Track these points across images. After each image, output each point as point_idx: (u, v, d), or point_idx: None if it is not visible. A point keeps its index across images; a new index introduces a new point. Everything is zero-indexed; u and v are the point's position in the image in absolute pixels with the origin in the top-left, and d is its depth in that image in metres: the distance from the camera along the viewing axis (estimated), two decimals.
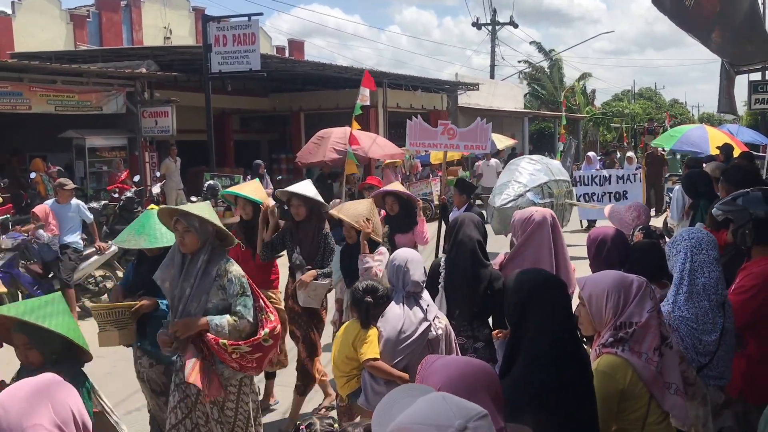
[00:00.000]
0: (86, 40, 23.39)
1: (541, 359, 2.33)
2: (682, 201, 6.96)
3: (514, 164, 11.60)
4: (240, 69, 14.64)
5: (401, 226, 6.24)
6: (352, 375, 3.78)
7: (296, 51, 31.80)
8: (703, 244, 3.16)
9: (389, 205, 6.31)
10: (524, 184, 10.48)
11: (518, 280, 2.55)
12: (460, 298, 4.15)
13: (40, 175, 12.71)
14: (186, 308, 3.80)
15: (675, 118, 37.68)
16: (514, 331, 2.48)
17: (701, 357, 3.10)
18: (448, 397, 1.44)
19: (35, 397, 1.65)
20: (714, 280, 3.13)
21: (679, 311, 3.12)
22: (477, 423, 1.34)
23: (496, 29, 36.33)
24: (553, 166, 11.76)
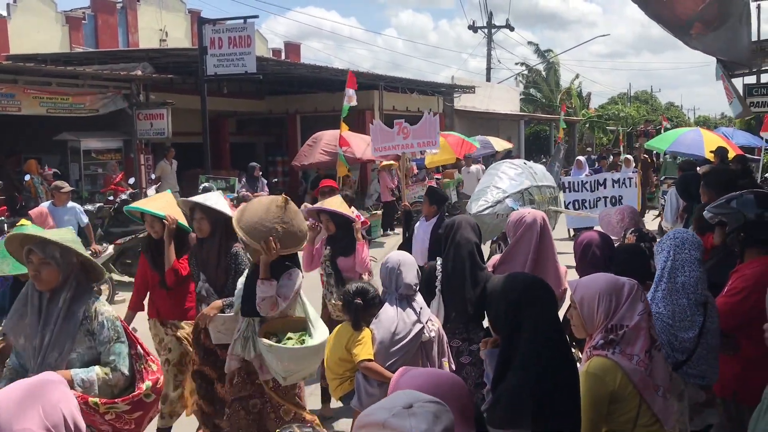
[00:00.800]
0: (82, 42, 23.35)
1: (538, 363, 2.33)
2: (676, 204, 6.99)
3: (494, 168, 10.92)
4: (236, 71, 14.65)
5: (342, 249, 5.37)
6: (345, 377, 3.79)
7: (292, 53, 31.80)
8: (686, 243, 3.21)
9: (324, 224, 5.48)
10: (503, 189, 9.80)
11: (506, 285, 2.55)
12: (457, 301, 4.17)
13: (33, 177, 12.68)
14: (45, 360, 3.05)
15: (671, 121, 37.75)
16: (506, 337, 2.47)
17: (678, 353, 3.13)
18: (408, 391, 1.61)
19: (27, 399, 1.65)
20: (694, 279, 3.16)
21: (656, 307, 3.15)
22: (425, 404, 1.47)
23: (492, 32, 36.42)
24: (537, 171, 11.04)
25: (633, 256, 3.70)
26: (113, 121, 14.70)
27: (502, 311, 2.47)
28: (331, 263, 5.34)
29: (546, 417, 2.27)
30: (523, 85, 41.16)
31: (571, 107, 37.39)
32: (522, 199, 9.79)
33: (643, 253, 3.78)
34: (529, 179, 10.31)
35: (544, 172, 11.22)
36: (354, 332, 3.72)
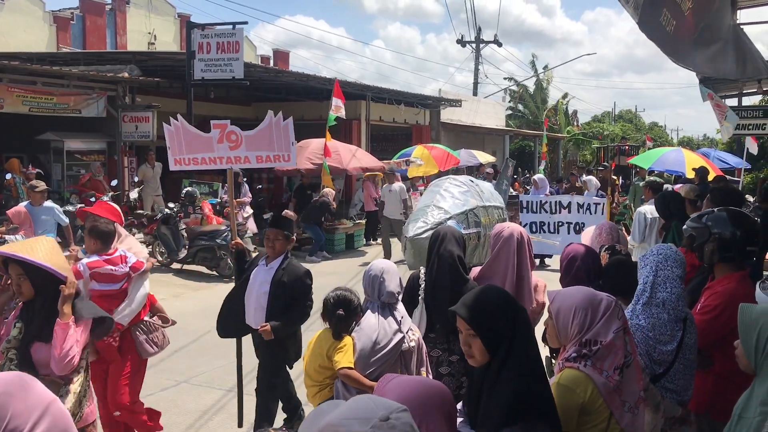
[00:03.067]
0: (69, 43, 23.23)
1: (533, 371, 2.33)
2: (644, 223, 7.05)
3: (436, 186, 9.75)
4: (223, 77, 14.63)
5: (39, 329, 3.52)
6: (324, 384, 3.77)
7: (281, 61, 31.84)
8: (669, 260, 3.23)
9: (15, 282, 3.41)
10: (446, 210, 8.77)
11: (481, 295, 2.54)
12: (440, 312, 4.16)
13: (14, 176, 12.56)
14: None
15: (654, 141, 38.16)
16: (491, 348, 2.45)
17: (656, 366, 3.16)
18: (373, 397, 1.53)
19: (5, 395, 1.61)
20: (675, 296, 3.20)
21: (636, 320, 3.19)
22: (400, 414, 1.41)
23: (481, 47, 36.64)
24: (484, 190, 9.80)
25: (623, 271, 3.71)
26: (98, 122, 14.62)
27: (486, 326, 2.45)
28: (19, 353, 3.32)
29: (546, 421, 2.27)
30: (510, 100, 41.41)
31: (555, 124, 37.69)
32: (466, 220, 8.78)
33: (633, 268, 3.80)
34: (475, 198, 9.25)
35: (491, 190, 10.15)
36: (335, 340, 3.72)
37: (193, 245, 12.05)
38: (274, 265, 4.98)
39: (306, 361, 3.88)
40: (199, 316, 9.38)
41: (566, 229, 11.36)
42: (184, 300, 10.54)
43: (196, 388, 6.48)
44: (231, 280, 11.88)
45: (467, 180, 9.93)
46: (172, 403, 6.08)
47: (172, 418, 5.73)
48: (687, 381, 3.21)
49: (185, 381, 6.68)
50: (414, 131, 24.72)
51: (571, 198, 11.30)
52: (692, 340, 3.22)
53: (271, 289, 4.91)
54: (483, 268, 4.54)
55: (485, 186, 10.14)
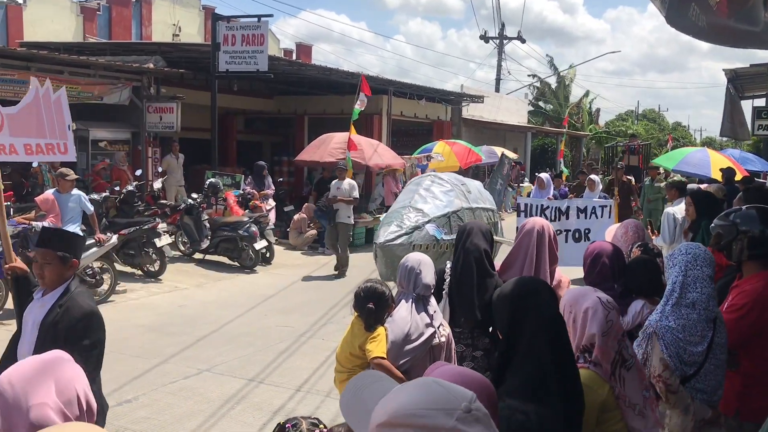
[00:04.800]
0: (95, 33, 23.44)
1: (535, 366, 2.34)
2: (673, 224, 6.95)
3: (414, 184, 8.56)
4: (247, 69, 14.68)
5: None
6: (353, 371, 3.79)
7: (303, 55, 31.89)
8: (698, 260, 3.19)
9: None
10: (424, 212, 7.68)
11: (506, 288, 2.58)
12: (465, 306, 4.16)
13: (40, 164, 12.70)
14: None
15: (677, 141, 37.74)
16: (505, 339, 2.48)
17: (686, 366, 3.12)
18: (439, 382, 1.42)
19: (40, 375, 1.65)
20: (705, 296, 3.15)
21: (666, 321, 3.15)
22: (477, 404, 1.34)
23: (504, 43, 36.45)
24: (471, 189, 8.72)
25: (646, 270, 3.69)
26: (122, 112, 14.73)
27: (503, 314, 2.49)
28: None
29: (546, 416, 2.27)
30: (533, 97, 41.16)
31: (578, 122, 37.39)
32: (448, 224, 7.75)
33: (656, 266, 3.76)
34: (460, 199, 8.20)
35: (480, 190, 9.07)
36: (366, 331, 3.73)
37: (216, 236, 12.15)
38: (48, 301, 3.53)
39: (339, 348, 3.90)
40: (221, 305, 9.48)
41: (564, 237, 9.10)
42: (207, 290, 10.63)
43: (218, 377, 6.53)
44: (252, 270, 11.99)
45: (452, 178, 8.79)
46: (194, 392, 6.14)
47: (194, 406, 5.79)
48: (717, 381, 3.18)
49: (207, 370, 6.74)
50: (435, 127, 24.66)
51: (569, 202, 9.54)
52: (723, 340, 3.19)
53: (39, 336, 3.47)
54: (503, 261, 4.53)
55: (473, 185, 9.06)
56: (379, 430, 1.29)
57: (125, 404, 5.80)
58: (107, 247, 9.33)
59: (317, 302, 9.38)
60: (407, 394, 1.33)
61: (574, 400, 2.36)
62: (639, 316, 3.64)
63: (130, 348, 7.40)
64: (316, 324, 8.47)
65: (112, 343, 7.43)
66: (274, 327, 8.39)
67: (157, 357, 7.07)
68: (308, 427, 2.18)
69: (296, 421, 2.20)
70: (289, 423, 2.19)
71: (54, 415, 1.60)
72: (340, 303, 9.05)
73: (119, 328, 8.19)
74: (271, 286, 10.54)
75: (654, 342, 3.08)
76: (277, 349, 7.47)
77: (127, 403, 5.82)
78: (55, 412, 1.61)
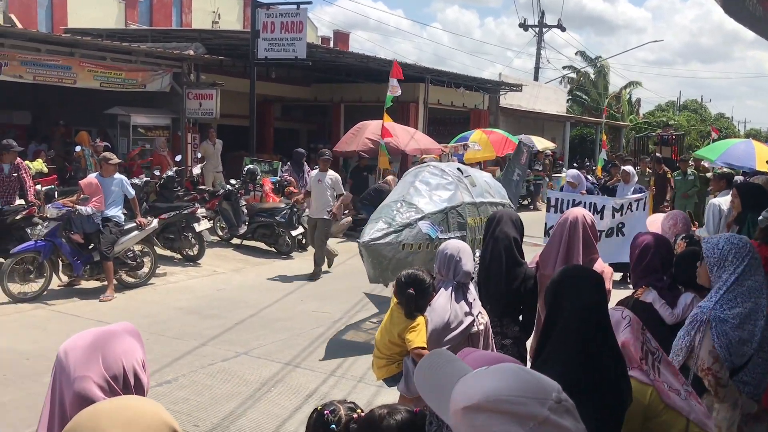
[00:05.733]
0: (137, 20, 23.78)
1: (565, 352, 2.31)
2: (718, 216, 6.81)
3: (411, 175, 7.71)
4: (286, 57, 14.75)
5: None
6: (392, 359, 3.82)
7: (341, 42, 31.94)
8: (748, 248, 3.13)
9: None
10: (418, 207, 6.90)
11: (553, 276, 2.57)
12: (492, 294, 4.16)
13: (83, 149, 12.96)
14: None
15: (720, 132, 36.93)
16: (545, 324, 2.47)
17: (736, 358, 3.05)
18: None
19: (90, 348, 1.69)
20: (759, 283, 3.09)
21: (720, 309, 3.07)
22: (564, 395, 1.29)
23: (543, 31, 35.99)
24: (478, 182, 7.86)
25: (691, 262, 3.61)
26: (163, 98, 14.94)
27: (546, 300, 2.48)
28: None
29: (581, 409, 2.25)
30: (571, 87, 40.61)
31: (618, 113, 36.80)
32: (446, 221, 7.01)
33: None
34: (461, 192, 7.38)
35: (488, 183, 8.23)
36: (407, 319, 3.74)
37: (253, 221, 12.28)
38: None
39: (378, 334, 3.92)
40: (259, 290, 9.59)
41: None
42: (245, 274, 10.75)
43: (255, 360, 6.62)
44: (289, 256, 12.10)
45: (453, 168, 7.94)
46: (232, 374, 6.23)
47: (232, 389, 5.88)
48: (763, 374, 3.12)
49: (245, 353, 6.83)
50: (472, 115, 24.50)
51: (605, 201, 8.78)
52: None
53: None
54: (540, 253, 4.49)
55: (480, 177, 8.19)
56: (466, 413, 1.27)
57: (165, 385, 5.92)
58: (148, 230, 9.50)
59: (353, 289, 9.43)
60: (496, 380, 1.30)
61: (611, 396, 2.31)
62: (689, 308, 3.59)
63: (170, 330, 7.53)
64: (352, 310, 8.52)
65: (152, 325, 7.63)
66: (310, 312, 8.47)
67: (196, 339, 7.19)
68: (346, 413, 2.19)
69: (334, 407, 2.21)
70: (327, 409, 2.20)
71: (96, 389, 1.63)
72: (376, 289, 9.08)
73: (159, 311, 8.36)
74: (307, 272, 10.62)
75: (706, 332, 3.02)
76: (314, 334, 7.54)
77: (167, 384, 5.94)
78: (99, 386, 1.64)
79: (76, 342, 1.72)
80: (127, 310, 8.35)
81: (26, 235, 8.83)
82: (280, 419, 5.29)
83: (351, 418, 2.16)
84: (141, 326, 7.53)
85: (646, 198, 8.57)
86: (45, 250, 8.49)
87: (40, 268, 8.54)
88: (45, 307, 8.28)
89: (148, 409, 1.39)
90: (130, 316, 7.97)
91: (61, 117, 15.64)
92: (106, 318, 7.56)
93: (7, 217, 9.27)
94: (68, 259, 8.74)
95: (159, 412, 1.39)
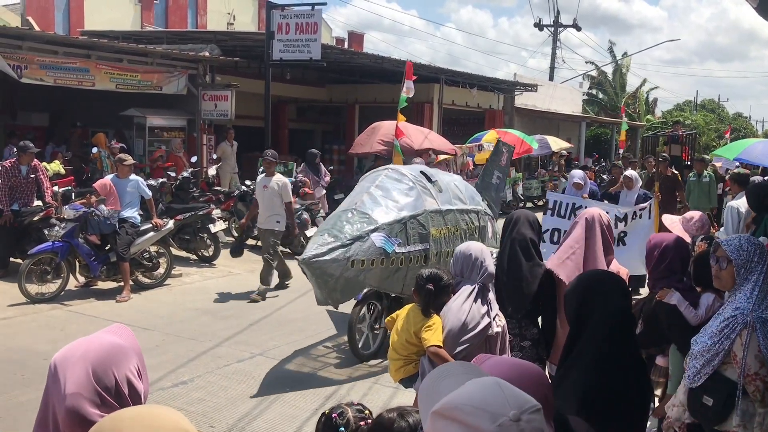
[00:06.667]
0: (152, 22, 23.93)
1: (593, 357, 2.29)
2: (737, 218, 6.74)
3: (368, 180, 6.78)
4: (301, 58, 14.76)
5: None
6: (409, 359, 3.81)
7: (355, 43, 31.97)
8: (766, 250, 3.08)
9: None
10: (371, 218, 6.05)
11: (577, 280, 2.54)
12: (511, 296, 4.13)
13: (100, 150, 13.05)
14: None
15: (738, 131, 36.60)
16: (572, 329, 2.45)
17: None
18: (503, 384, 1.34)
19: (81, 361, 1.66)
20: None
21: (760, 311, 2.98)
22: (531, 416, 1.25)
23: (559, 31, 35.80)
24: (444, 186, 6.95)
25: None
26: (178, 100, 15.02)
27: (571, 305, 2.45)
28: None
29: (594, 414, 2.23)
30: (588, 86, 40.37)
31: (635, 112, 36.53)
32: (404, 233, 6.15)
33: None
34: (426, 199, 6.53)
35: (459, 188, 7.29)
36: (424, 318, 3.72)
37: None
38: None
39: (394, 335, 3.90)
40: (273, 291, 9.60)
41: None
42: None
43: (270, 361, 6.62)
44: None
45: (417, 172, 6.92)
46: (248, 375, 6.24)
47: (248, 389, 5.89)
48: None
49: (261, 354, 6.84)
50: (487, 116, 24.43)
51: (608, 208, 8.11)
52: None
53: None
54: (555, 253, 4.45)
55: (448, 181, 7.22)
56: (432, 417, 1.29)
57: (181, 385, 5.94)
58: (164, 231, 9.54)
59: None
60: (464, 389, 1.30)
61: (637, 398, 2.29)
62: (711, 309, 3.55)
63: (186, 330, 7.56)
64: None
65: (169, 325, 7.66)
66: (324, 313, 8.46)
67: (211, 340, 7.21)
68: (354, 415, 2.18)
69: (341, 410, 2.20)
70: (335, 413, 2.19)
71: (88, 405, 1.61)
72: None
73: (175, 311, 8.40)
74: None
75: (751, 335, 2.91)
76: (328, 335, 7.54)
77: (182, 385, 5.96)
78: (90, 401, 1.61)
79: (66, 355, 1.68)
80: (143, 310, 8.39)
81: (43, 236, 8.90)
82: (298, 420, 5.30)
83: (360, 421, 2.16)
84: (157, 327, 7.60)
85: (652, 205, 8.03)
86: (62, 251, 8.55)
87: (57, 268, 8.61)
88: (62, 307, 8.34)
89: (169, 418, 1.39)
90: (145, 316, 8.02)
91: (78, 119, 15.76)
92: (123, 319, 7.60)
93: (24, 218, 9.36)
94: (85, 259, 8.80)
95: (180, 422, 1.39)
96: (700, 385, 3.07)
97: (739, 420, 2.95)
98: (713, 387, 3.02)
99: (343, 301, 6.17)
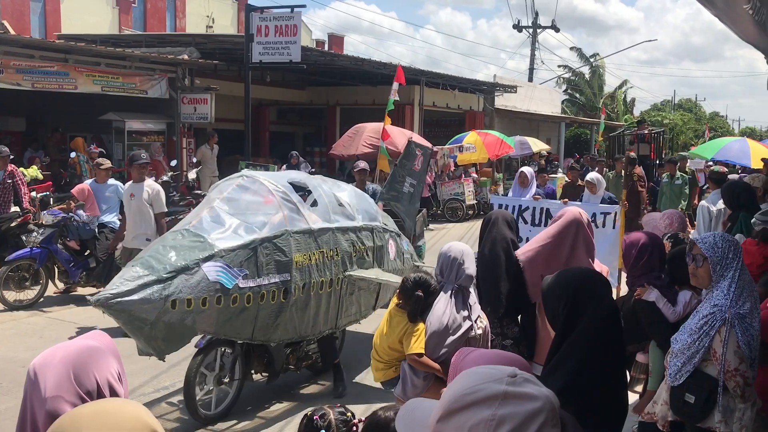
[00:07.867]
0: (131, 25, 23.74)
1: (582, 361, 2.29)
2: (708, 216, 6.83)
3: (215, 191, 5.39)
4: (281, 60, 14.73)
5: None
6: (391, 364, 3.80)
7: (336, 45, 31.94)
8: (737, 243, 3.15)
9: None
10: (207, 242, 4.68)
11: (561, 280, 2.49)
12: (492, 296, 4.15)
13: (78, 155, 12.93)
14: None
15: (715, 131, 37.02)
16: (560, 333, 2.42)
17: (752, 353, 3.01)
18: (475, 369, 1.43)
19: (61, 365, 1.65)
20: (749, 276, 3.12)
21: (738, 307, 3.00)
22: (521, 372, 1.34)
23: (537, 32, 36.04)
24: (323, 200, 5.68)
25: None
26: (157, 103, 14.93)
27: (557, 304, 2.40)
28: None
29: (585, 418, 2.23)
30: (566, 87, 40.68)
31: (613, 112, 36.85)
32: (254, 260, 4.79)
33: None
34: (290, 216, 5.19)
35: (344, 201, 5.87)
36: (409, 324, 3.70)
37: None
38: None
39: (377, 338, 3.89)
40: None
41: None
42: None
43: None
44: None
45: (281, 181, 5.51)
46: None
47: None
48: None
49: None
50: (467, 117, 24.54)
51: (560, 205, 7.49)
52: None
53: None
54: (532, 251, 4.41)
55: (327, 193, 5.78)
56: (439, 425, 1.31)
57: (162, 390, 5.89)
58: None
59: None
60: (457, 383, 1.35)
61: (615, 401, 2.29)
62: (689, 306, 3.59)
63: None
64: None
65: None
66: None
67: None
68: (336, 417, 2.18)
69: (323, 412, 2.20)
70: (316, 415, 2.19)
71: (68, 408, 1.59)
72: None
73: None
74: None
75: (730, 332, 2.93)
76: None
77: (164, 390, 5.91)
78: (72, 405, 1.60)
79: (46, 359, 1.67)
80: None
81: (21, 242, 8.80)
82: (279, 424, 5.28)
83: (342, 423, 2.16)
84: None
85: (618, 213, 7.24)
86: (41, 257, 8.46)
87: (35, 275, 8.51)
88: (41, 314, 8.24)
89: (129, 411, 1.37)
90: None
91: (56, 123, 15.61)
92: (103, 325, 7.52)
93: (2, 224, 9.24)
94: (64, 266, 8.71)
95: (140, 414, 1.37)
96: (681, 383, 3.09)
97: (721, 416, 2.98)
98: (694, 384, 3.06)
99: (169, 351, 4.69)
